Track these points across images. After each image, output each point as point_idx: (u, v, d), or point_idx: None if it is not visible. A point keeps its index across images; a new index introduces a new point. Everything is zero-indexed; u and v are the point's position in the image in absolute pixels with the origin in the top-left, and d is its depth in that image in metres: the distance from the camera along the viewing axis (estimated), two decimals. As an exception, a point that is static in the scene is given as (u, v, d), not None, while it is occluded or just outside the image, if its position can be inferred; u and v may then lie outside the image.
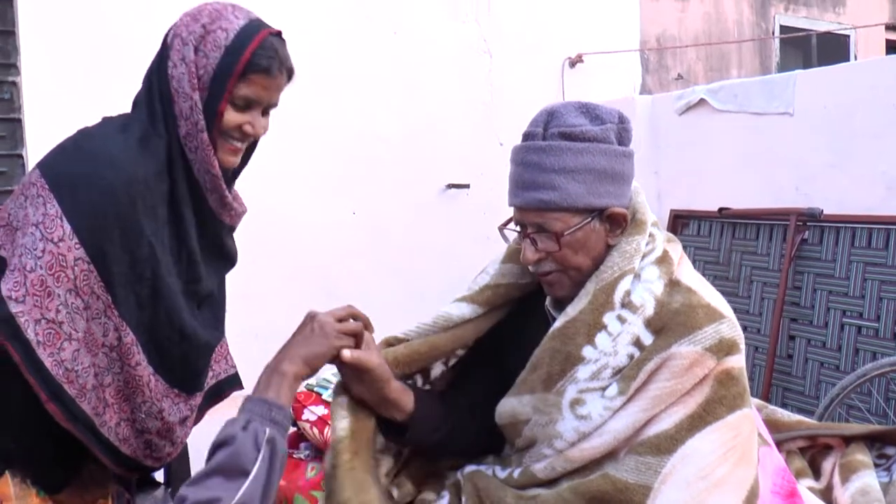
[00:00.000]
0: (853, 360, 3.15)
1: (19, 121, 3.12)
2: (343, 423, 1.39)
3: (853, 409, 3.05)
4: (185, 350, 1.41)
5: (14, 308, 1.22)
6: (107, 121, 1.41)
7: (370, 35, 3.97)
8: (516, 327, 1.55)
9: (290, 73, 1.45)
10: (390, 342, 1.52)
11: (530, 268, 1.43)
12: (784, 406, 3.27)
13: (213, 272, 1.49)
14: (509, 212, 1.54)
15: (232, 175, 1.51)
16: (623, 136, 1.40)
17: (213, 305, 1.52)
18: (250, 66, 1.35)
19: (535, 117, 1.41)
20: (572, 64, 4.61)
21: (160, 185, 1.33)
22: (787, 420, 1.78)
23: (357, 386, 1.40)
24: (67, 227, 1.23)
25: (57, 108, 3.14)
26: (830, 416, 2.85)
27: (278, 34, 1.43)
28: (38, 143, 3.11)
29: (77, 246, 1.24)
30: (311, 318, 1.34)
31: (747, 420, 1.34)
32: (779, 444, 1.67)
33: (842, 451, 1.71)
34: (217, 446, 1.16)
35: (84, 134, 1.38)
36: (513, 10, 4.42)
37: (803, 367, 3.35)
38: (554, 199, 1.34)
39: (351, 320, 1.38)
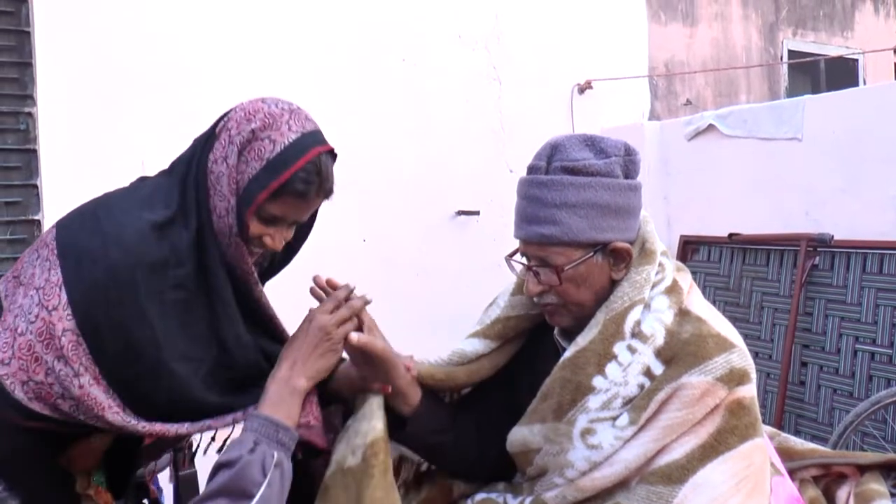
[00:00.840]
0: (867, 386, 3.13)
1: (34, 151, 3.16)
2: (379, 424, 1.39)
3: (868, 436, 3.02)
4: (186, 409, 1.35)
5: (0, 370, 1.21)
6: (134, 189, 1.39)
7: (379, 61, 4.00)
8: (526, 356, 1.56)
9: (327, 195, 1.40)
10: None
11: (534, 299, 1.44)
12: (797, 433, 3.24)
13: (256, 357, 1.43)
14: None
15: (267, 273, 1.50)
16: (630, 169, 1.39)
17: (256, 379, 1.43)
18: (286, 188, 1.31)
19: (539, 150, 1.42)
20: (581, 90, 4.64)
21: (174, 271, 1.30)
22: (801, 448, 1.77)
23: (365, 368, 1.41)
24: (64, 297, 1.22)
25: (72, 140, 3.18)
26: (845, 443, 2.83)
27: (329, 151, 1.38)
28: (53, 173, 3.15)
29: (69, 317, 1.22)
30: (317, 327, 1.31)
31: (759, 450, 1.33)
32: (792, 472, 1.65)
33: (856, 480, 1.69)
34: (221, 466, 1.15)
35: (103, 205, 1.34)
36: (522, 37, 4.46)
37: (816, 393, 3.33)
38: (555, 233, 1.34)
39: (353, 318, 1.39)
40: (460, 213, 4.24)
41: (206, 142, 1.36)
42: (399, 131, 4.04)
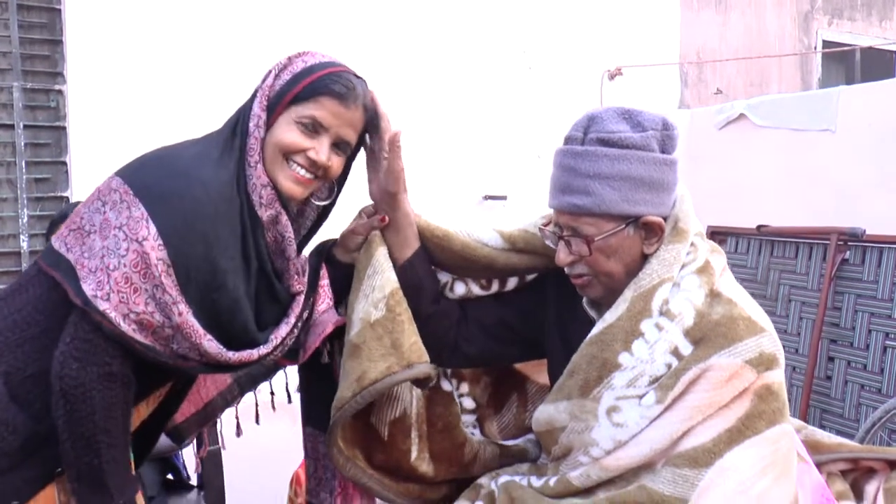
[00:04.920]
0: (896, 383, 3.08)
1: (64, 129, 3.19)
2: (392, 275, 1.46)
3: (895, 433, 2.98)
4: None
5: (101, 306, 1.23)
6: (188, 143, 1.42)
7: (405, 44, 3.99)
8: (561, 317, 1.55)
9: (368, 113, 1.43)
10: None
11: (565, 269, 1.43)
12: (822, 428, 3.18)
13: (270, 308, 1.46)
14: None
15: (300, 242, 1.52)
16: (666, 144, 1.38)
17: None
18: (320, 89, 1.36)
19: (576, 121, 1.42)
20: (611, 77, 4.60)
21: (235, 198, 1.34)
22: (828, 442, 1.74)
23: (379, 177, 1.49)
24: (153, 228, 1.24)
25: (101, 117, 3.20)
26: (872, 439, 2.79)
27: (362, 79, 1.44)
28: (82, 151, 3.18)
29: (161, 247, 1.24)
30: None
31: (786, 436, 1.32)
32: (819, 465, 1.63)
33: (886, 474, 1.67)
34: None
35: (168, 152, 1.38)
36: (553, 23, 4.43)
37: (843, 389, 3.28)
38: (587, 204, 1.34)
39: None
40: (488, 197, 4.23)
41: (253, 94, 1.41)
42: (427, 115, 4.02)
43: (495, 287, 1.62)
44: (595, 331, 1.39)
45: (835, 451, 1.71)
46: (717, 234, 3.92)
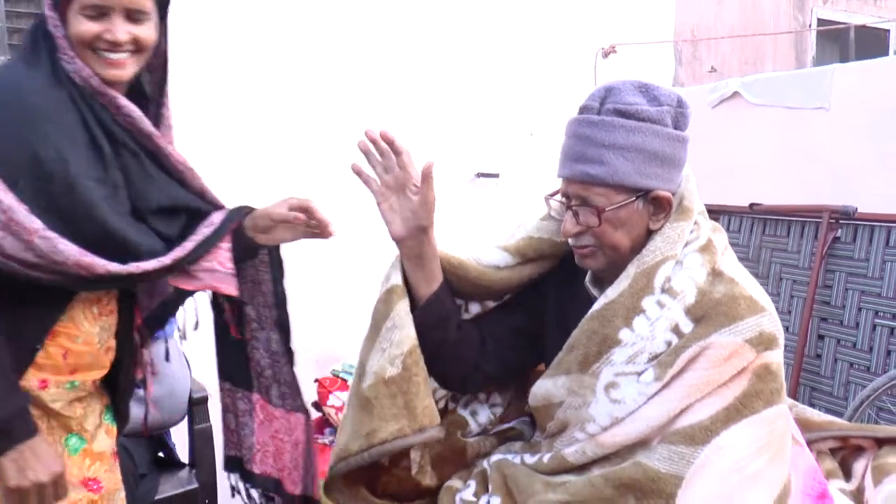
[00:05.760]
0: (885, 361, 3.09)
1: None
2: (412, 332, 1.42)
3: (883, 411, 3.00)
4: (114, 246, 1.38)
5: None
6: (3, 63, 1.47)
7: (398, 19, 3.95)
8: (559, 301, 1.55)
9: None
10: None
11: (569, 240, 1.43)
12: (811, 406, 3.21)
13: (148, 186, 1.45)
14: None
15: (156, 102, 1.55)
16: (679, 121, 1.39)
17: (171, 220, 1.49)
18: None
19: (593, 92, 1.41)
20: (605, 55, 4.57)
21: (55, 92, 1.35)
22: (818, 420, 1.76)
23: (398, 215, 1.49)
24: None
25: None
26: (860, 417, 2.81)
27: None
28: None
29: None
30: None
31: (782, 417, 1.33)
32: (809, 443, 1.64)
33: (874, 452, 1.68)
34: None
35: None
36: (547, 0, 4.39)
37: (832, 367, 3.30)
38: (600, 174, 1.34)
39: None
40: (480, 175, 4.22)
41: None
42: (420, 92, 3.99)
43: (508, 295, 1.62)
44: (596, 306, 1.39)
45: (824, 429, 1.72)
46: (710, 213, 3.90)
